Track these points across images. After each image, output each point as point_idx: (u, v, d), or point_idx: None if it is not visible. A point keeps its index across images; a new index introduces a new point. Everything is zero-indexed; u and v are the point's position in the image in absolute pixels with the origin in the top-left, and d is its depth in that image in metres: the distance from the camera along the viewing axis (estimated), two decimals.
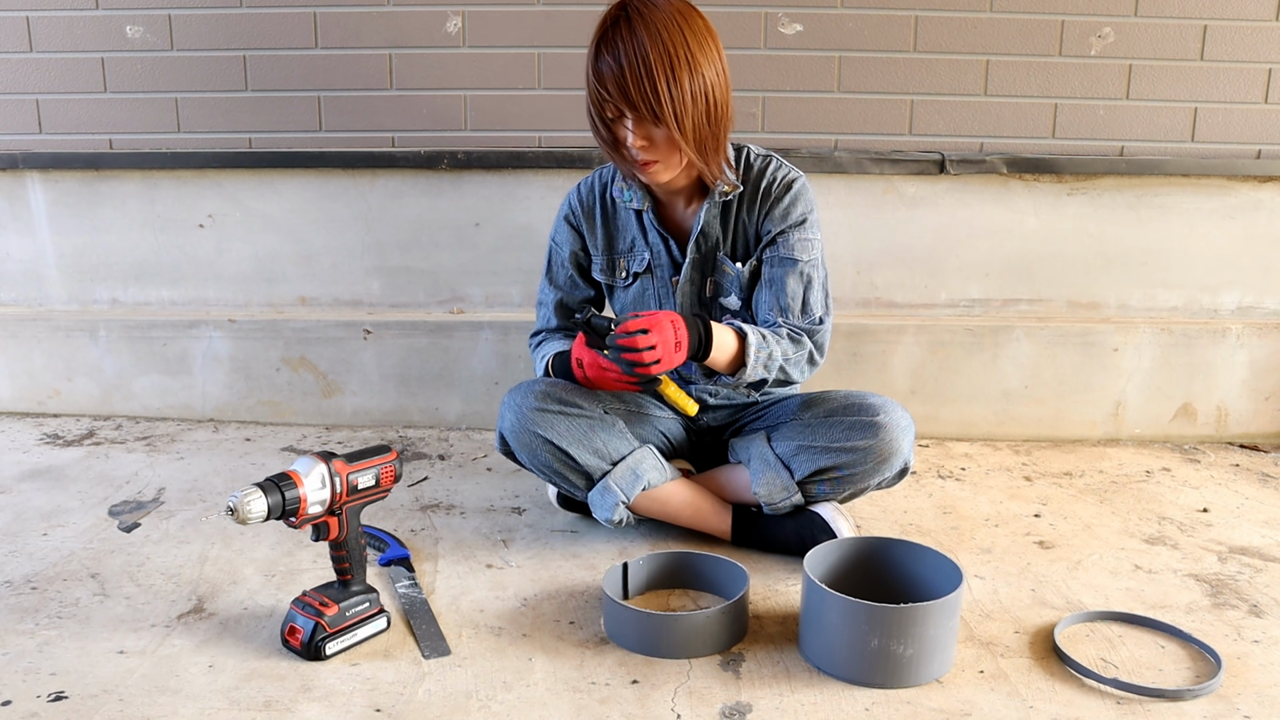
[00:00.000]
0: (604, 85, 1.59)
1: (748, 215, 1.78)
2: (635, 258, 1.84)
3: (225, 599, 1.57)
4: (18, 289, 2.51)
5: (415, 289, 2.44)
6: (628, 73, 1.55)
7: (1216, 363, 2.42)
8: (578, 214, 1.88)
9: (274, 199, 2.40)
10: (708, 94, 1.60)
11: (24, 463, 2.19)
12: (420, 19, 2.29)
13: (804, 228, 1.76)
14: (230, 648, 1.42)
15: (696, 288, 1.83)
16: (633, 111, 1.58)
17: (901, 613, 1.31)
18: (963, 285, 2.41)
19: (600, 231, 1.86)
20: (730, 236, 1.79)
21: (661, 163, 1.65)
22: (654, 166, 1.65)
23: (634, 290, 1.87)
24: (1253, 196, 2.37)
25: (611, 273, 1.87)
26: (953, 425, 2.44)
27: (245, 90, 2.34)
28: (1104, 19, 2.28)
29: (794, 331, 1.73)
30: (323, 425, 2.47)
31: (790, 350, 1.70)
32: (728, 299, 1.82)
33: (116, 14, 2.31)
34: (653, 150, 1.63)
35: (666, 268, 1.83)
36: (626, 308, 1.89)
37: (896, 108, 2.32)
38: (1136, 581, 1.68)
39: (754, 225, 1.78)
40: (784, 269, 1.75)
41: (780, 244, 1.75)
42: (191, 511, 1.92)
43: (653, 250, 1.83)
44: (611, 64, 1.56)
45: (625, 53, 1.55)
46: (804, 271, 1.75)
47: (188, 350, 2.45)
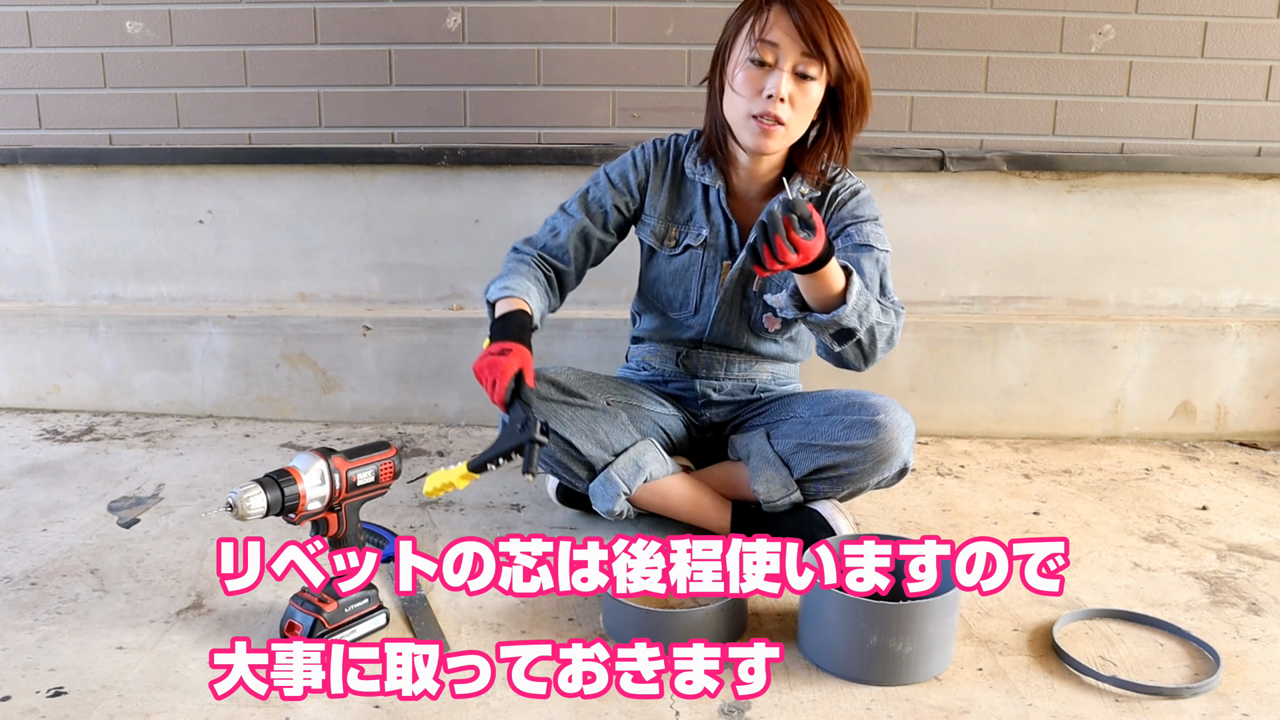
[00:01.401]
0: (789, 17, 1.58)
1: None
2: (692, 231, 1.82)
3: (224, 597, 1.56)
4: (17, 284, 2.50)
5: (415, 285, 2.44)
6: (813, 19, 1.58)
7: (1216, 360, 2.42)
8: (649, 164, 1.84)
9: (274, 195, 2.40)
10: (865, 81, 1.66)
11: (23, 458, 2.19)
12: (420, 15, 2.29)
13: (877, 224, 1.75)
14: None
15: (746, 276, 1.82)
16: (809, 60, 1.59)
17: (900, 610, 1.31)
18: (962, 283, 2.41)
19: (665, 194, 1.83)
20: None
21: (788, 129, 1.64)
22: (778, 130, 1.63)
23: (679, 263, 1.84)
24: (1253, 194, 2.37)
25: (661, 240, 1.84)
26: (952, 423, 2.44)
27: (245, 86, 2.34)
28: (1104, 16, 2.28)
29: (886, 303, 1.64)
30: (322, 421, 2.47)
31: (881, 314, 1.59)
32: (776, 295, 1.74)
33: (116, 9, 2.31)
34: (791, 109, 1.62)
35: (721, 250, 1.81)
36: (663, 279, 1.87)
37: (896, 105, 2.32)
38: (1135, 579, 1.68)
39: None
40: (860, 253, 1.70)
41: (854, 233, 1.73)
42: (191, 507, 1.92)
43: (713, 228, 1.81)
44: (799, 10, 1.58)
45: (808, 4, 1.59)
46: (880, 259, 1.70)
47: (187, 346, 2.45)
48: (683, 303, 1.87)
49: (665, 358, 1.94)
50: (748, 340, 1.87)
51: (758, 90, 1.62)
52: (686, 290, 1.85)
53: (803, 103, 1.63)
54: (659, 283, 1.88)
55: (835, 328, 1.54)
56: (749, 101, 1.63)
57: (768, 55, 1.60)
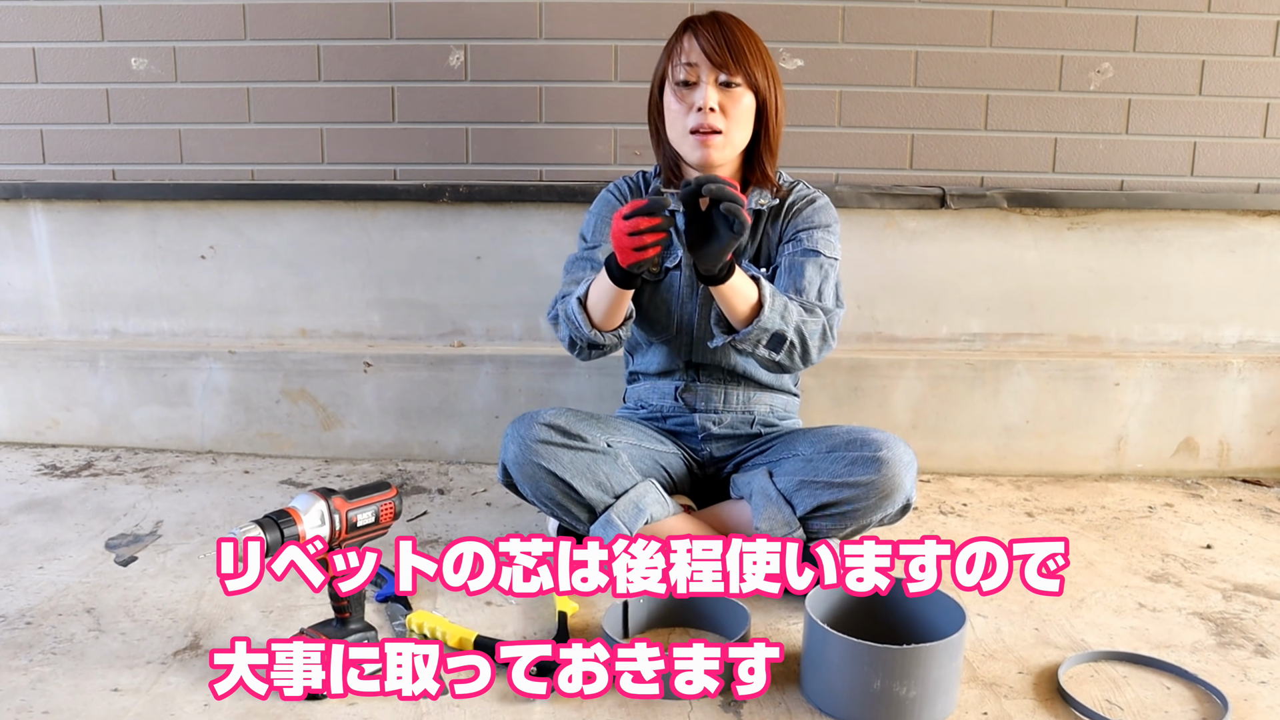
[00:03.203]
0: (698, 41, 1.74)
1: (772, 228, 1.87)
2: (670, 254, 1.85)
3: (222, 636, 1.55)
4: (18, 318, 2.50)
5: (416, 322, 2.44)
6: (725, 37, 1.74)
7: (1218, 397, 2.41)
8: (627, 198, 1.92)
9: (276, 231, 2.40)
10: (779, 88, 1.81)
11: (21, 494, 2.18)
12: (423, 52, 2.30)
13: (828, 230, 1.85)
14: None
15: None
16: (725, 70, 1.73)
17: (904, 654, 1.30)
18: (963, 320, 2.41)
19: None
20: (756, 247, 1.87)
21: (725, 136, 1.75)
22: (715, 139, 1.74)
23: (661, 286, 1.88)
24: (1253, 230, 2.38)
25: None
26: (954, 460, 2.43)
27: (248, 122, 2.35)
28: (1103, 54, 2.29)
29: (807, 303, 1.74)
30: (322, 458, 2.46)
31: (805, 315, 1.69)
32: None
33: (122, 46, 2.32)
34: (723, 119, 1.73)
35: (693, 270, 1.83)
36: (650, 303, 1.89)
37: (897, 142, 2.33)
38: (1141, 620, 1.67)
39: (778, 235, 1.87)
40: (805, 258, 1.81)
41: (804, 238, 1.83)
42: (189, 545, 1.91)
43: (685, 249, 1.82)
44: (706, 32, 1.74)
45: (722, 25, 1.75)
46: (823, 265, 1.81)
47: (187, 381, 2.44)
48: (666, 324, 1.88)
49: (663, 394, 1.94)
50: (731, 356, 1.88)
51: (689, 106, 1.76)
52: (668, 310, 1.88)
53: (735, 111, 1.75)
54: (641, 310, 1.89)
55: (764, 336, 1.64)
56: (684, 118, 1.76)
57: (690, 75, 1.75)
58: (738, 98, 1.75)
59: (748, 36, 1.76)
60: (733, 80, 1.73)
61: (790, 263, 1.82)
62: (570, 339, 1.77)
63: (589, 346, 1.76)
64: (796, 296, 1.76)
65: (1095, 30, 2.28)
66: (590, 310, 1.71)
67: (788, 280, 1.80)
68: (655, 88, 1.85)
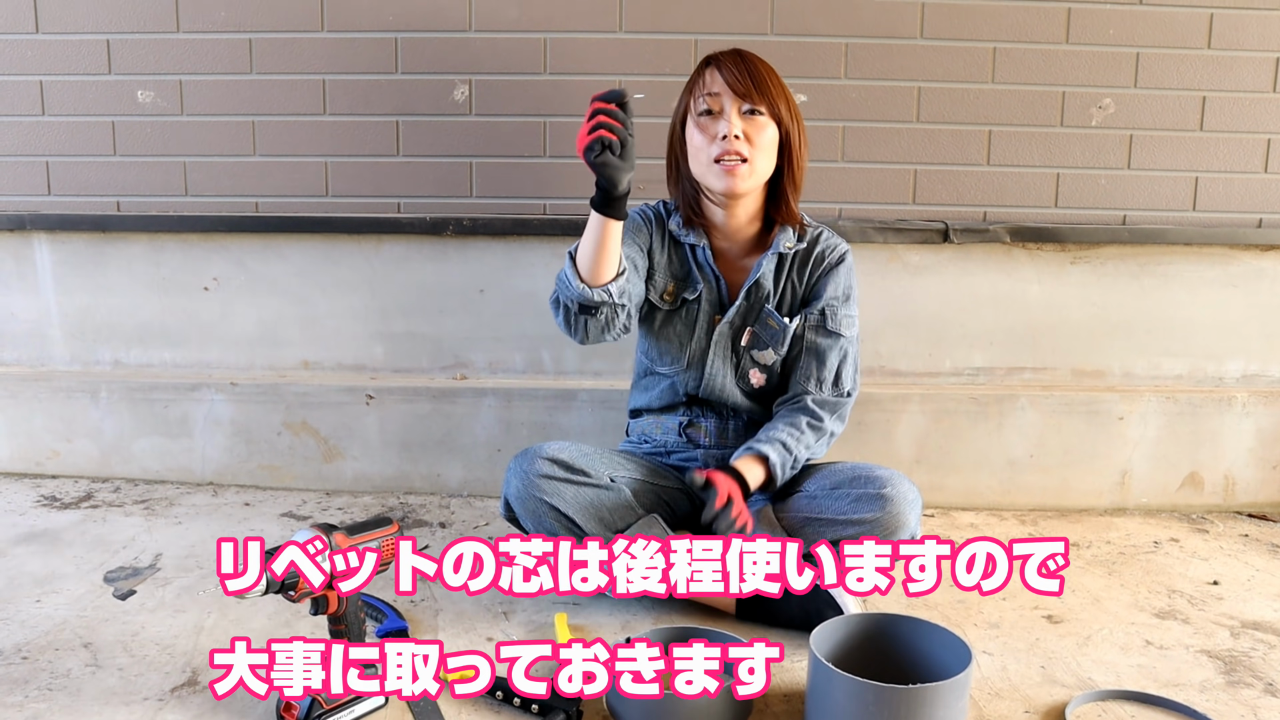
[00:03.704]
0: (720, 73, 1.76)
1: (798, 276, 1.87)
2: (689, 286, 1.87)
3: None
4: (21, 349, 2.50)
5: (419, 354, 2.44)
6: (748, 69, 1.75)
7: (1223, 431, 2.40)
8: (650, 224, 1.91)
9: (279, 263, 2.41)
10: (801, 123, 1.81)
11: (20, 525, 2.17)
12: (429, 87, 2.31)
13: (849, 303, 1.87)
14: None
15: (735, 331, 1.87)
16: (748, 100, 1.74)
17: (910, 694, 1.28)
18: (967, 354, 2.41)
19: (665, 252, 1.89)
20: (779, 293, 1.87)
21: (750, 165, 1.75)
22: (742, 168, 1.74)
23: (675, 317, 1.88)
24: (1255, 265, 2.38)
25: (662, 294, 1.88)
26: (958, 494, 2.42)
27: (253, 155, 2.36)
28: (1104, 90, 2.30)
29: (816, 418, 1.82)
30: (323, 490, 2.45)
31: (812, 441, 1.80)
32: (763, 351, 1.86)
33: (129, 79, 2.34)
34: (749, 147, 1.73)
35: (713, 304, 1.86)
36: (658, 332, 1.89)
37: (900, 177, 2.34)
38: (1148, 658, 1.65)
39: (804, 287, 1.87)
40: (828, 342, 1.85)
41: (828, 317, 1.85)
42: (188, 579, 1.90)
43: (705, 284, 1.86)
44: (729, 64, 1.76)
45: (744, 58, 1.77)
46: (844, 347, 1.85)
47: (189, 413, 2.44)
48: (676, 356, 1.89)
49: (666, 429, 1.93)
50: (738, 396, 1.89)
51: (713, 136, 1.76)
52: (680, 343, 1.88)
53: (759, 139, 1.75)
54: (653, 335, 1.91)
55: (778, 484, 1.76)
56: (708, 148, 1.76)
57: (714, 104, 1.76)
58: (761, 127, 1.75)
59: (769, 70, 1.78)
60: (756, 108, 1.74)
61: (812, 346, 1.86)
62: (560, 302, 1.70)
63: (580, 309, 1.67)
64: (815, 388, 1.84)
65: (1096, 66, 2.29)
66: (579, 261, 1.68)
67: (808, 365, 1.85)
68: (676, 125, 1.86)
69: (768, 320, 1.85)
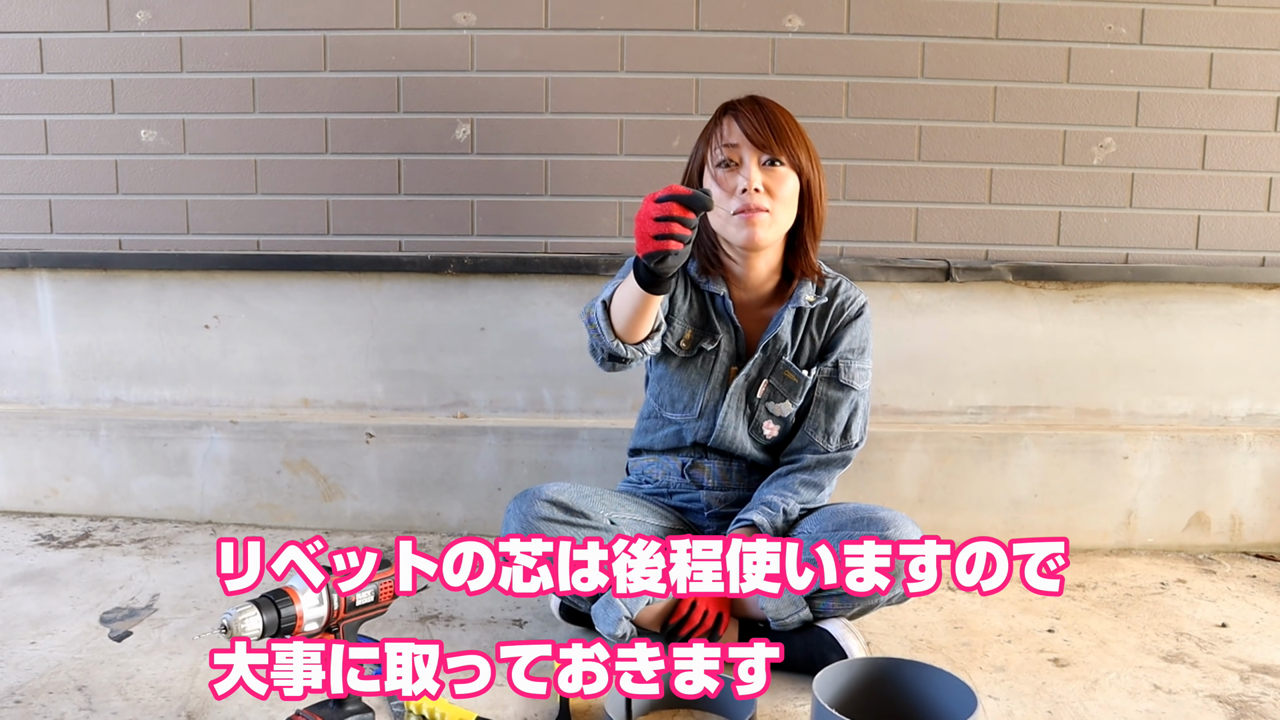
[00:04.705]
0: (738, 123, 1.73)
1: (816, 328, 1.85)
2: (706, 335, 1.84)
3: (216, 716, 1.52)
4: (20, 387, 2.50)
5: (419, 393, 2.43)
6: (766, 118, 1.72)
7: (1229, 470, 2.39)
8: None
9: (280, 301, 2.40)
10: (821, 170, 1.79)
11: (16, 565, 2.15)
12: (430, 126, 2.32)
13: (863, 356, 1.86)
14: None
15: (751, 383, 1.84)
16: (767, 150, 1.71)
17: None
18: (970, 393, 2.40)
19: (687, 297, 1.85)
20: (797, 344, 1.84)
21: (771, 215, 1.71)
22: (762, 218, 1.71)
23: (690, 364, 1.85)
24: (1259, 304, 2.37)
25: (679, 340, 1.84)
26: (961, 534, 2.36)
27: (255, 193, 2.37)
28: (1105, 129, 2.31)
29: (812, 477, 1.82)
30: (322, 529, 2.44)
31: (807, 497, 1.80)
32: (780, 404, 1.84)
33: (132, 118, 2.35)
34: (769, 199, 1.70)
35: (730, 355, 1.84)
36: (670, 378, 1.87)
37: (902, 215, 2.34)
38: (1156, 703, 1.63)
39: (822, 339, 1.85)
40: (841, 395, 1.85)
41: (843, 370, 1.84)
42: (185, 620, 1.88)
43: (725, 334, 1.84)
44: (747, 114, 1.73)
45: (761, 107, 1.74)
46: (855, 400, 1.86)
47: (188, 451, 2.43)
48: (688, 404, 1.86)
49: (668, 469, 1.92)
50: (749, 446, 1.87)
51: (732, 190, 1.72)
52: (694, 392, 1.85)
53: (780, 191, 1.72)
54: (665, 380, 1.88)
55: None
56: (727, 202, 1.72)
57: (733, 155, 1.73)
58: (782, 178, 1.72)
59: (788, 118, 1.75)
60: (777, 158, 1.72)
61: (825, 397, 1.85)
62: (591, 346, 1.71)
63: (609, 358, 1.69)
64: (824, 440, 1.84)
65: (1097, 105, 2.30)
66: (613, 314, 1.62)
67: (819, 417, 1.84)
68: (693, 174, 1.81)
69: (785, 373, 1.83)
